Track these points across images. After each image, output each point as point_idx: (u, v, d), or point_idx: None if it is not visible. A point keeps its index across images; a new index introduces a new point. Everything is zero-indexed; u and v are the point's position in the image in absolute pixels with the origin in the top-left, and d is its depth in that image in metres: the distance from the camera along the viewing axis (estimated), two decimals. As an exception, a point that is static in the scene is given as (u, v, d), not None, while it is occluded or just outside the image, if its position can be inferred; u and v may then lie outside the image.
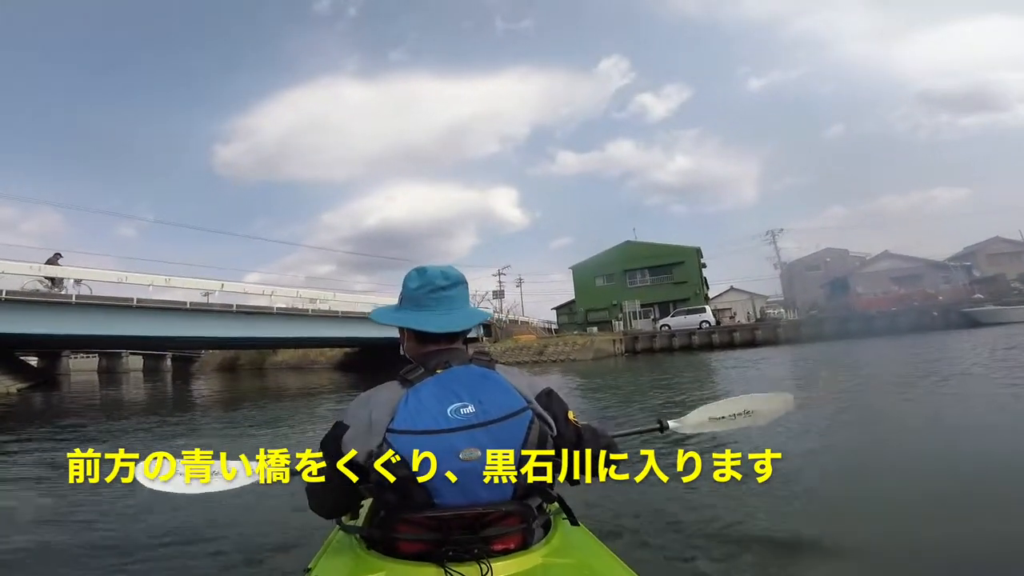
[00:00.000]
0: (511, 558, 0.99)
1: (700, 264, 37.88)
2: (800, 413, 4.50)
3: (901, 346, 15.87)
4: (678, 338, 26.75)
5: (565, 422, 1.12)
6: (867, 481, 3.21)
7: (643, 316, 34.38)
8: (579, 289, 40.16)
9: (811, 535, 2.38)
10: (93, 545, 2.71)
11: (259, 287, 21.74)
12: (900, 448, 4.14)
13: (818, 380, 10.11)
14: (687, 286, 36.10)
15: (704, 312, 30.62)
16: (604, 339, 27.21)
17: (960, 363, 9.87)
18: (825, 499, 2.94)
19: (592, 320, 37.02)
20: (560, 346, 26.21)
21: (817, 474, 3.31)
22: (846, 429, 5.08)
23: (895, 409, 6.04)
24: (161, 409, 13.55)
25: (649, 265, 37.49)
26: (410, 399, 1.02)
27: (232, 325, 20.26)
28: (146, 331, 18.46)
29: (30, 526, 3.14)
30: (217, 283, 20.03)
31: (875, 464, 3.66)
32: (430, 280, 1.18)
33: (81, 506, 3.31)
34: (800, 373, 12.37)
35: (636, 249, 38.42)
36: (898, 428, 4.99)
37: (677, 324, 29.37)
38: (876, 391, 8.02)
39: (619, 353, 26.33)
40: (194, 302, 19.31)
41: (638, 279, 37.91)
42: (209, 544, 2.58)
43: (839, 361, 13.33)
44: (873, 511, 2.64)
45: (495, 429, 1.01)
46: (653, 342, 27.16)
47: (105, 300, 17.19)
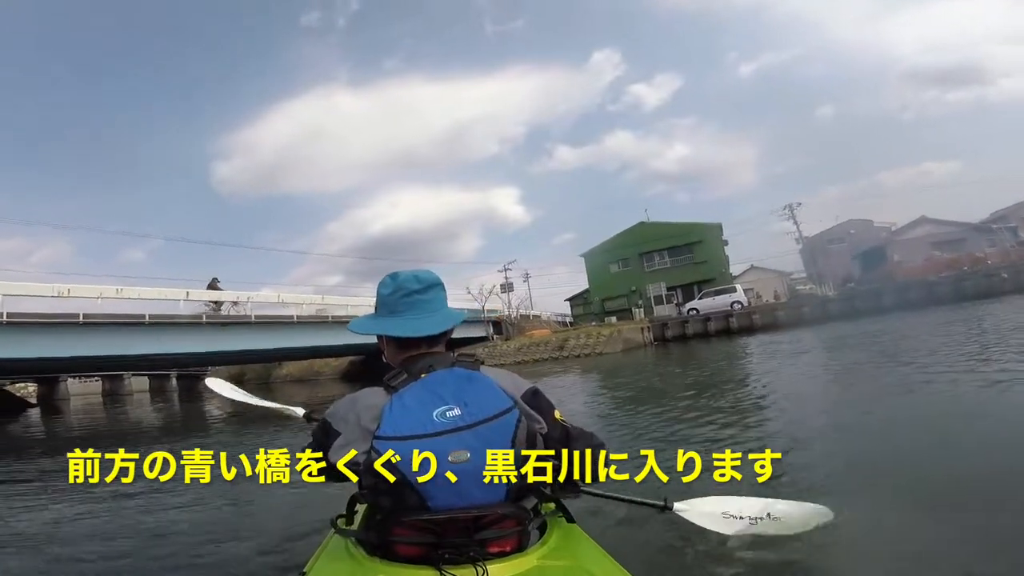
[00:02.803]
0: (507, 560, 0.98)
1: (722, 241, 34.82)
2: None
3: (996, 312, 13.09)
4: (714, 322, 23.82)
5: (552, 421, 1.10)
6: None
7: (666, 301, 31.53)
8: (593, 277, 37.11)
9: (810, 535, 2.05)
10: (90, 544, 2.72)
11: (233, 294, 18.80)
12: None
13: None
14: (710, 265, 32.90)
15: (735, 292, 27.78)
16: (631, 328, 24.22)
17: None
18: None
19: (609, 309, 34.16)
20: (582, 339, 23.20)
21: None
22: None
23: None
24: (180, 432, 11.30)
25: (667, 246, 34.41)
26: (395, 405, 1.01)
27: (244, 338, 18.09)
28: (155, 349, 16.43)
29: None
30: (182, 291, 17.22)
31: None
32: (402, 285, 1.17)
33: (77, 506, 3.36)
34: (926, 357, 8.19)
35: (651, 230, 35.33)
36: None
37: (706, 307, 26.58)
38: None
39: (648, 343, 23.43)
40: (208, 315, 17.83)
41: (656, 261, 34.79)
42: (205, 547, 2.56)
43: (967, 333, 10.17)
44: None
45: (483, 430, 0.99)
46: (685, 328, 24.25)
47: (115, 318, 15.23)
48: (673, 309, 30.66)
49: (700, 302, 27.50)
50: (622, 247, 35.83)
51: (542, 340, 24.74)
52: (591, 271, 37.25)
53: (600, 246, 37.39)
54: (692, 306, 27.60)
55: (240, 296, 18.67)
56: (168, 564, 2.46)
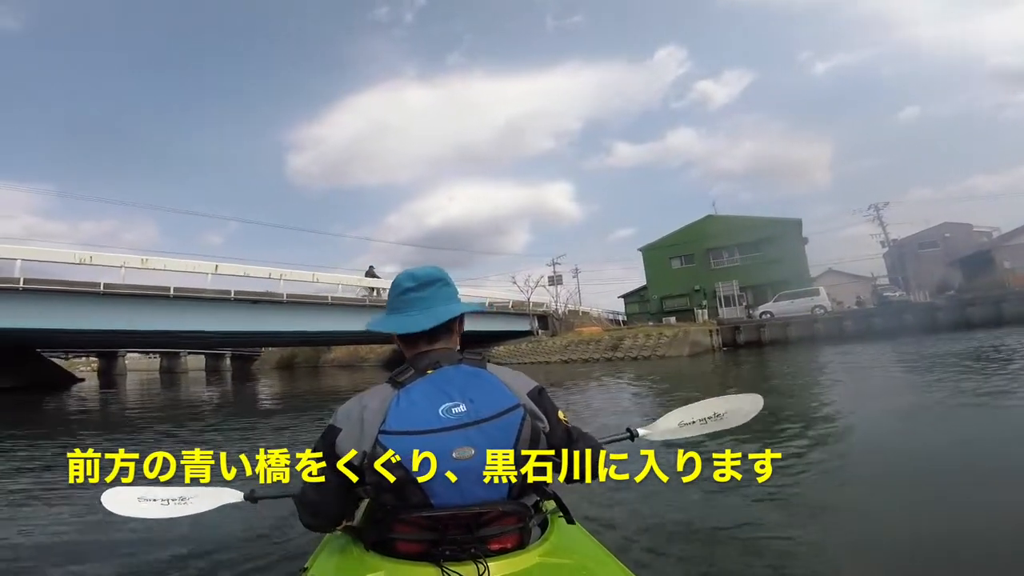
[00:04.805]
0: (508, 557, 0.98)
1: (802, 239, 31.12)
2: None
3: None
4: (794, 327, 20.72)
5: (556, 421, 1.12)
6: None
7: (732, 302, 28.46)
8: (652, 273, 34.24)
9: (811, 534, 2.34)
10: (86, 544, 2.67)
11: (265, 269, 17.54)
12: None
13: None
14: (786, 265, 29.09)
15: (818, 295, 24.57)
16: (698, 329, 21.44)
17: None
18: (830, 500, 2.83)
19: (668, 308, 31.28)
20: (640, 339, 20.62)
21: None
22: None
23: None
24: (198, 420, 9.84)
25: (738, 242, 31.11)
26: (401, 400, 1.02)
27: (275, 318, 17.08)
28: (178, 326, 15.46)
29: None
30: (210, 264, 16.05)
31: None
32: (398, 284, 1.19)
33: (74, 506, 3.26)
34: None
35: (720, 224, 32.02)
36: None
37: (782, 311, 23.60)
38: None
39: (716, 347, 20.64)
40: (262, 292, 16.60)
41: (724, 258, 31.57)
42: (204, 544, 2.51)
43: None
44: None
45: (488, 427, 1.00)
46: (761, 333, 21.27)
47: (137, 289, 14.33)
48: (742, 311, 27.58)
49: (775, 305, 24.49)
50: (686, 242, 32.75)
51: (593, 338, 22.34)
52: (650, 267, 34.43)
53: (661, 240, 34.49)
54: (766, 309, 24.61)
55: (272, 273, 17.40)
56: (168, 562, 2.38)
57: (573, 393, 10.13)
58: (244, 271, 16.76)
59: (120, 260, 14.48)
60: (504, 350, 25.57)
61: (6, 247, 13.07)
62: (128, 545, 2.58)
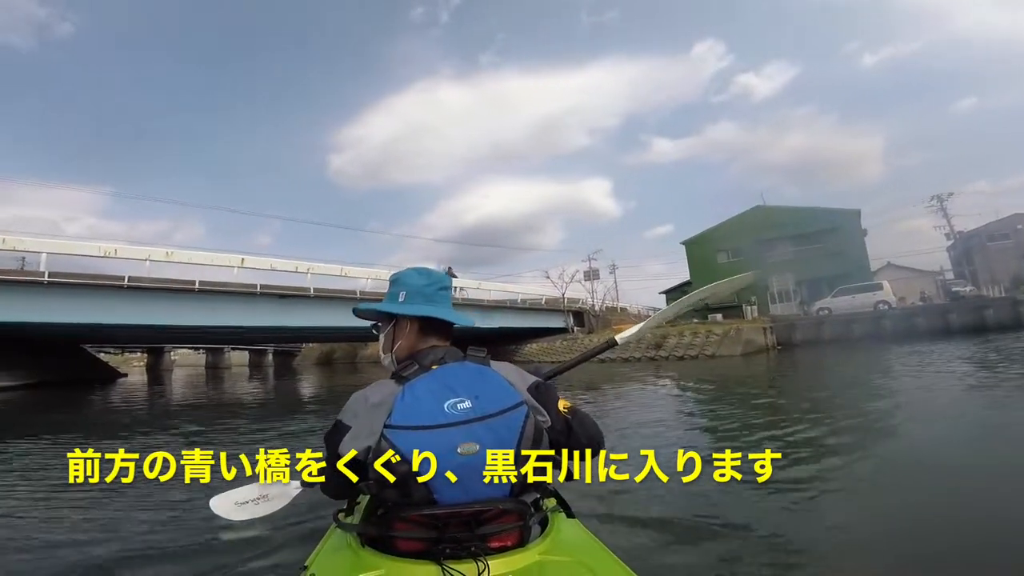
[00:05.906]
0: (508, 555, 0.97)
1: (861, 231, 28.76)
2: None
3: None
4: (859, 324, 18.85)
5: (556, 414, 1.10)
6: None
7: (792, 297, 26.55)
8: (696, 268, 32.33)
9: (810, 534, 2.33)
10: (85, 545, 2.63)
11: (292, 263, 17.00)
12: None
13: None
14: (845, 258, 26.82)
15: (881, 289, 22.41)
16: (751, 327, 19.80)
17: None
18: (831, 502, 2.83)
19: (714, 305, 29.49)
20: (687, 337, 19.18)
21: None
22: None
23: None
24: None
25: (791, 234, 29.00)
26: (406, 395, 1.01)
27: (304, 313, 16.62)
28: (204, 321, 15.03)
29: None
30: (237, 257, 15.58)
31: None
32: (439, 279, 1.21)
33: (71, 505, 3.27)
34: None
35: (771, 215, 29.92)
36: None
37: (841, 307, 21.61)
38: None
39: (771, 346, 18.98)
40: (295, 286, 16.20)
41: (776, 251, 29.53)
42: (205, 542, 2.53)
43: None
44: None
45: (493, 423, 0.99)
46: (820, 331, 19.46)
47: (162, 283, 13.98)
48: (797, 307, 25.64)
49: (833, 300, 22.54)
50: (734, 235, 30.74)
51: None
52: (694, 261, 32.57)
53: (706, 233, 32.61)
54: (823, 305, 22.67)
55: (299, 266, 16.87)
56: (167, 560, 2.38)
57: (609, 399, 8.71)
58: (270, 264, 16.23)
59: (145, 253, 14.14)
60: (537, 348, 24.46)
61: (32, 240, 12.84)
62: (128, 545, 2.57)
